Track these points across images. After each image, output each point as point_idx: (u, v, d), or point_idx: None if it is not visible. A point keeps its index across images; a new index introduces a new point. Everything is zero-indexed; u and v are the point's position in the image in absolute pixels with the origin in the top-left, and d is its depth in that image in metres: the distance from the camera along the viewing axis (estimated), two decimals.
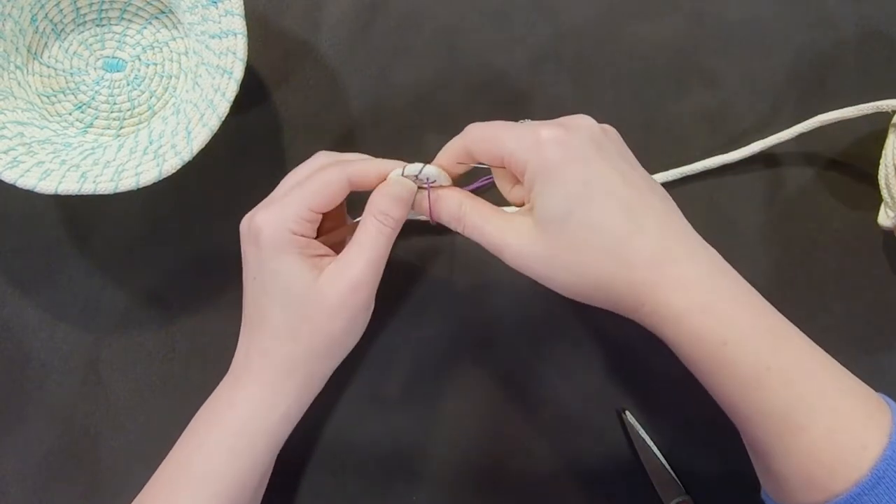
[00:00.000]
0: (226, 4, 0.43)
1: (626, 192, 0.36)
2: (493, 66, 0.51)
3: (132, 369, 0.48)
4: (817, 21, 0.51)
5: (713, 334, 0.35)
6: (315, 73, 0.50)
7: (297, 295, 0.38)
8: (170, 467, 0.40)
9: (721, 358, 0.35)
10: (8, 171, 0.42)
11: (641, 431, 0.47)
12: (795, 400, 0.34)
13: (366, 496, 0.47)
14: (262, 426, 0.39)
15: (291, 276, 0.38)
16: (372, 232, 0.38)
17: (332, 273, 0.38)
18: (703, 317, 0.35)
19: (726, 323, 0.35)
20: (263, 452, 0.39)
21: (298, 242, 0.38)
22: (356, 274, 0.38)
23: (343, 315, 0.38)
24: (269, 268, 0.38)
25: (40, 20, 0.48)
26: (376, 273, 0.39)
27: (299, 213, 0.38)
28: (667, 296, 0.35)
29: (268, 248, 0.38)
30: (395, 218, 0.39)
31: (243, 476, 0.39)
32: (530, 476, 0.48)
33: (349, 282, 0.38)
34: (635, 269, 0.35)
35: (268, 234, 0.38)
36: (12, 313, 0.48)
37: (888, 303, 0.49)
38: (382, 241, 0.38)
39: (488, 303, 0.49)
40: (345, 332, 0.39)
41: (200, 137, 0.42)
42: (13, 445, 0.47)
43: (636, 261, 0.35)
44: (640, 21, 0.51)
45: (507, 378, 0.48)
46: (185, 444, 0.40)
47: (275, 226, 0.38)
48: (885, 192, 0.46)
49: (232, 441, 0.39)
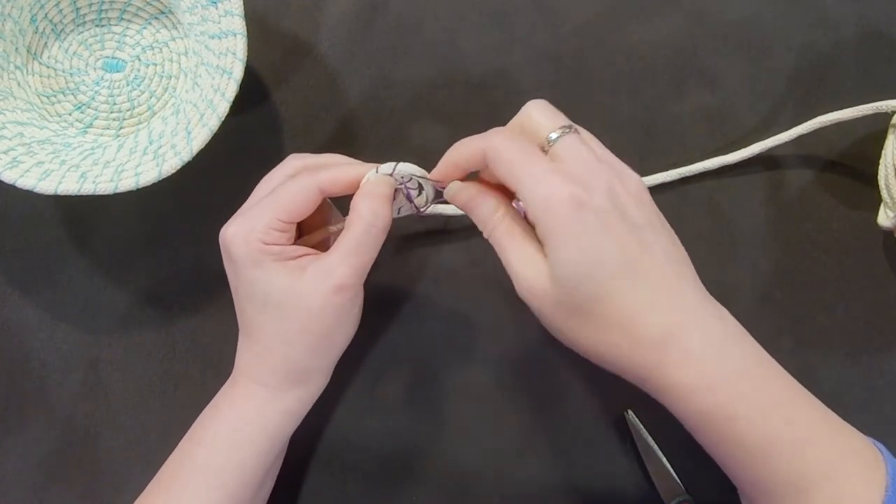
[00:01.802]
0: (225, 5, 0.43)
1: (641, 264, 0.34)
2: (493, 66, 0.51)
3: (132, 369, 0.48)
4: (817, 21, 0.51)
5: (720, 410, 0.34)
6: (315, 73, 0.50)
7: (278, 300, 0.38)
8: (172, 464, 0.40)
9: (728, 433, 0.34)
10: (8, 171, 0.42)
11: (644, 432, 0.47)
12: (802, 469, 0.34)
13: (366, 496, 0.47)
14: (261, 421, 0.39)
15: (269, 284, 0.37)
16: (360, 237, 0.38)
17: (315, 274, 0.37)
18: (710, 394, 0.34)
19: (734, 399, 0.34)
20: (263, 448, 0.40)
21: (270, 251, 0.37)
22: (339, 276, 0.37)
23: (328, 314, 0.38)
24: (245, 278, 0.38)
25: (40, 20, 0.48)
26: (361, 276, 0.38)
27: (269, 224, 0.37)
28: (672, 374, 0.34)
29: (240, 261, 0.38)
30: (381, 216, 0.38)
31: (243, 470, 0.39)
32: (531, 475, 0.48)
33: (332, 284, 0.37)
34: (642, 347, 0.34)
35: (237, 248, 0.38)
36: (12, 313, 0.48)
37: (888, 303, 0.49)
38: (369, 243, 0.38)
39: (489, 303, 0.49)
40: (334, 331, 0.39)
41: (200, 137, 0.42)
42: (13, 445, 0.47)
43: (644, 339, 0.34)
44: (640, 21, 0.51)
45: (507, 378, 0.48)
46: (187, 441, 0.41)
47: (244, 238, 0.37)
48: (884, 193, 0.46)
49: (231, 435, 0.39)
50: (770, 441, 0.34)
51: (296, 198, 0.38)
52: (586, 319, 0.34)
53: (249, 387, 0.40)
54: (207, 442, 0.39)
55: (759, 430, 0.34)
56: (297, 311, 0.38)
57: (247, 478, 0.39)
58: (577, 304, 0.34)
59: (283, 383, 0.40)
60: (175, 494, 0.39)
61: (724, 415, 0.34)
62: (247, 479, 0.39)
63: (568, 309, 0.34)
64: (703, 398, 0.34)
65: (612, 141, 0.44)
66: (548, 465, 0.48)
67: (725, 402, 0.34)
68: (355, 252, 0.37)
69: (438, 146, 0.40)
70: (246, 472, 0.39)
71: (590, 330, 0.34)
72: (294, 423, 0.41)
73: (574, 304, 0.34)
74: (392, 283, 0.49)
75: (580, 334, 0.35)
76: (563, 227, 0.33)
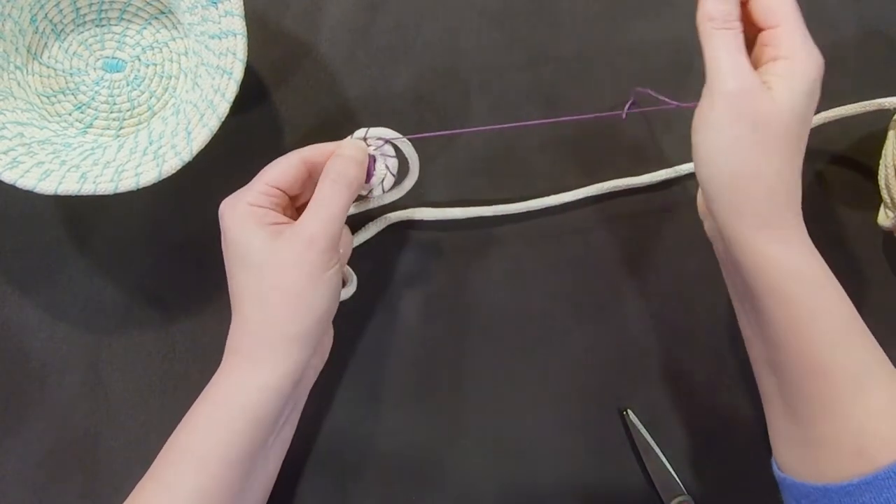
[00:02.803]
0: (225, 5, 0.43)
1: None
2: (493, 66, 0.51)
3: (132, 369, 0.48)
4: (817, 21, 0.51)
5: (817, 277, 0.37)
6: (315, 73, 0.50)
7: (256, 259, 0.39)
8: (162, 453, 0.40)
9: (819, 300, 0.37)
10: (8, 171, 0.42)
11: (643, 431, 0.47)
12: (870, 362, 0.36)
13: (366, 496, 0.47)
14: (240, 399, 0.39)
15: (249, 242, 0.39)
16: (326, 191, 0.40)
17: (289, 232, 0.39)
18: (812, 259, 0.37)
19: (825, 272, 0.37)
20: (245, 426, 0.39)
21: (255, 213, 0.40)
22: (310, 229, 0.39)
23: (300, 271, 0.39)
24: (230, 240, 0.40)
25: (40, 20, 0.48)
26: (330, 228, 0.39)
27: (255, 187, 0.40)
28: (792, 234, 0.37)
29: (228, 223, 0.40)
30: (348, 177, 0.40)
31: (227, 450, 0.39)
32: (531, 475, 0.48)
33: (302, 238, 0.39)
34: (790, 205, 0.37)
35: (227, 211, 0.40)
36: (12, 313, 0.48)
37: (888, 303, 0.49)
38: (337, 200, 0.40)
39: (488, 303, 0.49)
40: (307, 291, 0.39)
41: (200, 138, 0.42)
42: (13, 445, 0.47)
43: (794, 200, 0.37)
44: (640, 21, 0.51)
45: (507, 377, 0.48)
46: (176, 429, 0.41)
47: (233, 202, 0.40)
48: (884, 193, 0.46)
49: (212, 414, 0.39)
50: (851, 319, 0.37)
51: (280, 164, 0.41)
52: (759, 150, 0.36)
53: (230, 360, 0.40)
54: (190, 425, 0.40)
55: (843, 307, 0.37)
56: (271, 269, 0.39)
57: (230, 458, 0.39)
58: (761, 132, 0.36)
59: (257, 351, 0.39)
60: (162, 479, 0.39)
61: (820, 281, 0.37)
62: (231, 459, 0.39)
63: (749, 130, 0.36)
64: (807, 261, 0.37)
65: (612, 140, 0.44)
66: (548, 465, 0.48)
67: (820, 271, 0.37)
68: (322, 205, 0.40)
69: (438, 146, 0.41)
70: (230, 453, 0.39)
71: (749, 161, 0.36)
72: (273, 400, 0.40)
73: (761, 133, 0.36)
74: (392, 282, 0.49)
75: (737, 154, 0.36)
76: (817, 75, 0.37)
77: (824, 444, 0.36)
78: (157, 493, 0.39)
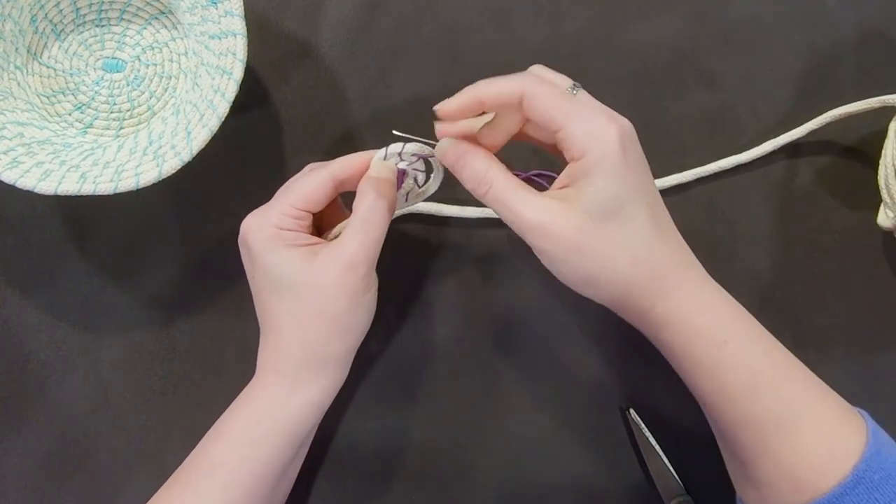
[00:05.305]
0: (225, 5, 0.43)
1: (659, 202, 0.38)
2: (493, 66, 0.51)
3: (132, 369, 0.48)
4: (817, 21, 0.51)
5: (715, 334, 0.37)
6: (315, 73, 0.50)
7: (292, 282, 0.39)
8: (192, 459, 0.40)
9: (721, 357, 0.37)
10: (8, 171, 0.42)
11: (645, 430, 0.47)
12: (786, 403, 0.36)
13: (366, 496, 0.47)
14: (280, 415, 0.40)
15: (283, 266, 0.39)
16: (366, 214, 0.39)
17: (326, 256, 0.39)
18: (709, 316, 0.37)
19: (727, 324, 0.37)
20: (281, 443, 0.40)
21: (285, 236, 0.39)
22: (350, 253, 0.38)
23: (342, 295, 0.39)
24: (260, 264, 0.39)
25: (40, 21, 0.48)
26: (371, 253, 0.39)
27: (282, 210, 0.39)
28: (680, 298, 0.37)
29: (256, 247, 0.39)
30: (384, 197, 0.39)
31: (261, 466, 0.39)
32: (531, 475, 0.48)
33: (343, 262, 0.38)
34: (660, 274, 0.37)
35: (253, 235, 0.39)
36: (12, 313, 0.48)
37: (888, 303, 0.49)
38: (375, 221, 0.39)
39: (490, 303, 0.49)
40: (348, 313, 0.39)
41: (200, 138, 0.42)
42: (13, 445, 0.47)
43: (662, 266, 0.37)
44: (640, 21, 0.51)
45: (508, 377, 0.48)
46: (208, 438, 0.41)
47: (259, 224, 0.39)
48: (884, 193, 0.46)
49: (250, 430, 0.39)
50: (757, 369, 0.36)
51: (308, 184, 0.40)
52: (614, 248, 0.36)
53: (268, 378, 0.40)
54: (225, 437, 0.40)
55: (747, 357, 0.36)
56: (311, 292, 0.38)
57: (264, 473, 0.39)
58: (606, 235, 0.36)
59: (299, 372, 0.40)
60: (192, 489, 0.39)
61: (719, 338, 0.36)
62: (264, 474, 0.39)
63: (595, 241, 0.36)
64: (704, 320, 0.37)
65: None
66: (548, 464, 0.48)
67: (719, 326, 0.37)
68: (362, 229, 0.39)
69: None
70: (263, 468, 0.39)
71: (613, 259, 0.36)
72: (313, 417, 0.41)
73: (604, 235, 0.36)
74: (392, 282, 0.49)
75: (601, 265, 0.36)
76: (617, 158, 0.35)
77: (766, 485, 0.37)
78: (186, 498, 0.39)
